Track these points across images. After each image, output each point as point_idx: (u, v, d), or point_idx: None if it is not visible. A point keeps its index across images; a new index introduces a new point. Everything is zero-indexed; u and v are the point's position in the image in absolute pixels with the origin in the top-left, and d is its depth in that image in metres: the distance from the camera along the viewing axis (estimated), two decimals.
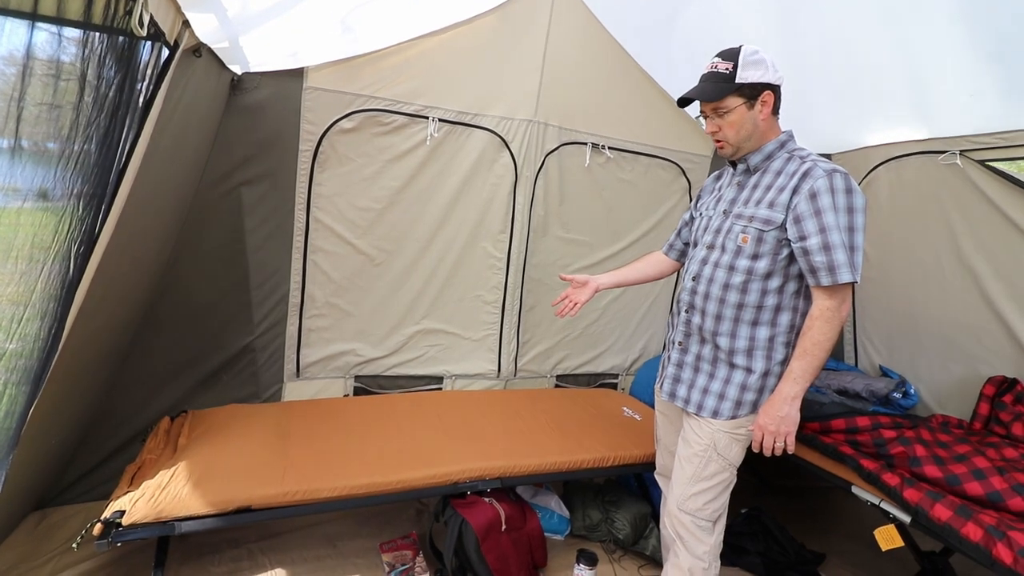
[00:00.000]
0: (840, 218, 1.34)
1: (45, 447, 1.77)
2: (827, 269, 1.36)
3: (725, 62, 1.45)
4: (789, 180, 1.42)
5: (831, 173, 1.36)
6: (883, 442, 2.01)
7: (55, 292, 1.17)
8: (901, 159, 2.52)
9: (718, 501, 1.58)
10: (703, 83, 1.49)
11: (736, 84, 1.43)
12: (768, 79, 1.45)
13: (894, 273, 2.67)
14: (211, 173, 2.18)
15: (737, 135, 1.48)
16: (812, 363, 1.41)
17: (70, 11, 1.04)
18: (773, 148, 1.50)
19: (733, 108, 1.45)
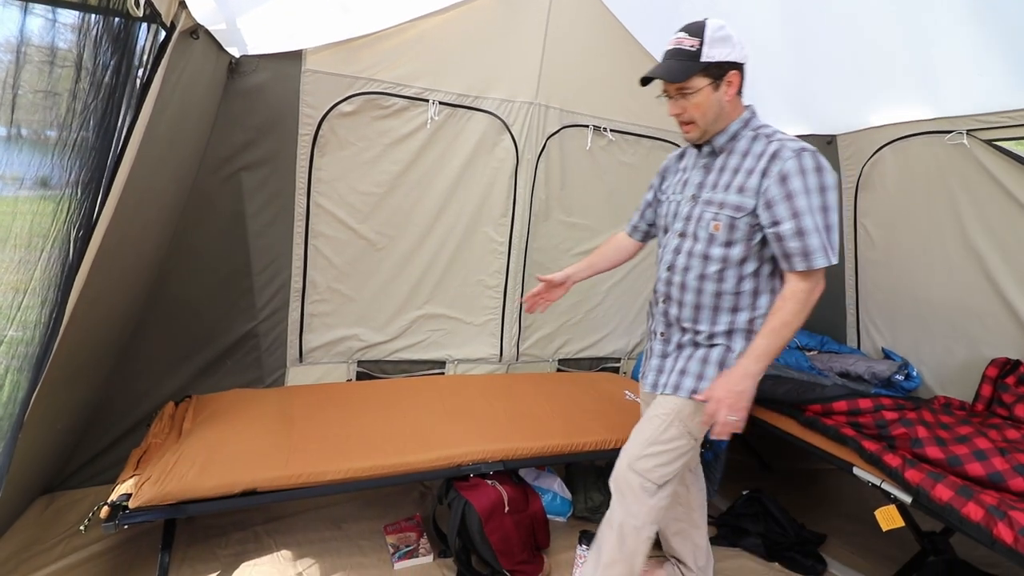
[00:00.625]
0: (812, 199, 1.31)
1: (50, 432, 1.79)
2: (801, 255, 1.34)
3: (691, 38, 1.36)
4: (757, 162, 1.37)
5: (799, 153, 1.32)
6: (885, 424, 2.01)
7: (55, 278, 1.17)
8: (907, 139, 2.49)
9: (669, 467, 1.52)
10: (668, 60, 1.40)
11: (702, 63, 1.35)
12: (735, 57, 1.38)
13: (898, 254, 2.65)
14: (210, 158, 2.17)
15: (704, 117, 1.42)
16: (777, 343, 1.38)
17: None
18: (737, 127, 1.45)
19: (699, 89, 1.38)
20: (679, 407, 1.52)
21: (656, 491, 1.53)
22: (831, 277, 2.88)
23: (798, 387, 2.27)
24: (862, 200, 2.78)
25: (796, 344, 2.91)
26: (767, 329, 1.38)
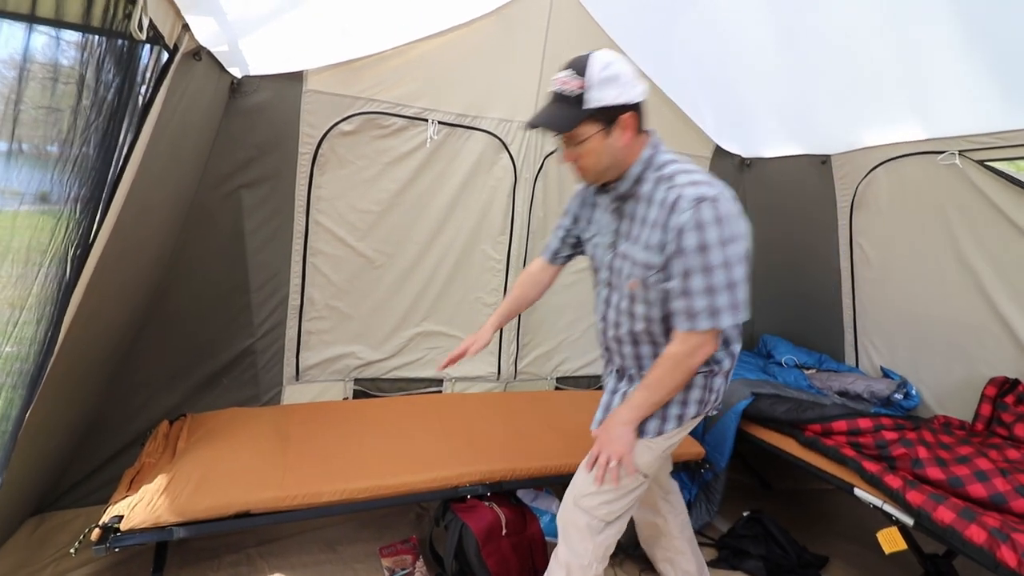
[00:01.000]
0: (708, 256, 1.19)
1: (43, 451, 1.76)
2: (685, 314, 1.25)
3: (575, 79, 1.20)
4: (659, 213, 1.25)
5: (697, 204, 1.18)
6: (885, 444, 2.00)
7: (52, 295, 1.16)
8: (900, 159, 2.51)
9: (617, 504, 1.47)
10: (552, 105, 1.26)
11: (588, 110, 1.21)
12: (627, 98, 1.22)
13: (894, 273, 2.67)
14: (211, 175, 2.18)
15: (596, 165, 1.29)
16: (653, 398, 1.35)
17: (69, 14, 1.03)
18: (639, 170, 1.30)
19: (588, 136, 1.24)
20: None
21: (603, 528, 1.48)
22: (829, 294, 2.93)
23: (797, 406, 2.26)
24: (857, 219, 2.80)
25: (795, 363, 2.91)
26: (645, 381, 1.36)
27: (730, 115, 2.90)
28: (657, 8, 2.28)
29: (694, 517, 2.37)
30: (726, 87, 2.67)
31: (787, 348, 3.02)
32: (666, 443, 1.47)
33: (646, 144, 1.31)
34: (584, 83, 1.20)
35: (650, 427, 1.44)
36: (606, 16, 2.48)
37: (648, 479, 1.50)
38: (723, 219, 1.19)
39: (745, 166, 3.21)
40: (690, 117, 2.87)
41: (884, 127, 2.49)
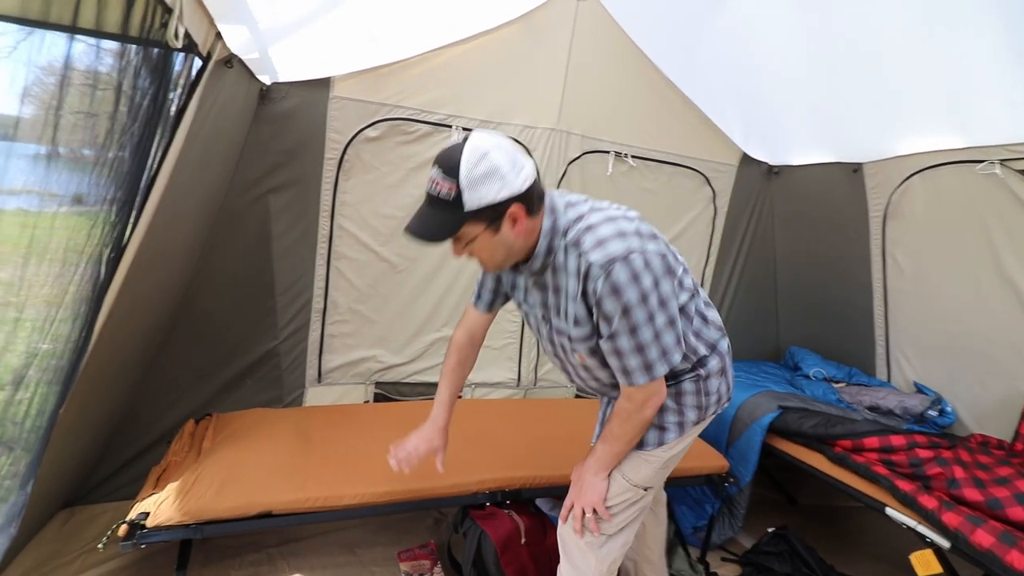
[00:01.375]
0: (631, 317, 1.15)
1: (75, 446, 1.81)
2: (622, 372, 1.25)
3: (446, 180, 1.07)
4: (575, 284, 1.20)
5: (607, 269, 1.12)
6: (919, 462, 1.93)
7: (86, 295, 1.20)
8: (937, 168, 2.44)
9: (617, 518, 1.44)
10: (428, 209, 1.13)
11: (467, 213, 1.09)
12: (509, 191, 1.09)
13: (929, 286, 2.58)
14: (239, 180, 2.23)
15: (492, 260, 1.21)
16: (615, 449, 1.36)
17: (108, 23, 1.07)
18: (545, 244, 1.21)
19: (475, 237, 1.14)
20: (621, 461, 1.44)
21: (605, 542, 1.45)
22: (860, 305, 2.84)
23: (826, 421, 2.19)
24: (890, 229, 2.72)
25: (823, 376, 2.83)
26: (605, 433, 1.38)
27: (758, 122, 2.85)
28: (684, 14, 2.26)
29: (717, 532, 2.32)
30: (754, 93, 2.63)
31: (815, 360, 2.94)
32: (667, 453, 1.43)
33: (544, 216, 1.20)
34: (457, 185, 1.06)
35: (650, 439, 1.40)
36: (632, 22, 2.47)
37: (651, 491, 1.47)
38: (638, 275, 1.13)
39: (773, 174, 3.15)
40: (716, 124, 2.84)
41: (920, 135, 2.41)
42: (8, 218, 1.09)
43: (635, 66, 2.60)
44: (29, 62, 0.97)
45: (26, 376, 1.16)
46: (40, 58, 0.99)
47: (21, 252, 1.05)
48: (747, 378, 2.76)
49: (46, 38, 0.99)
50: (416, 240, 1.13)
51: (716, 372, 1.41)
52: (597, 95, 2.61)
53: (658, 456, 1.42)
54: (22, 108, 1.00)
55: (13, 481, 1.30)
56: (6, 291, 1.05)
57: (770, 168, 3.13)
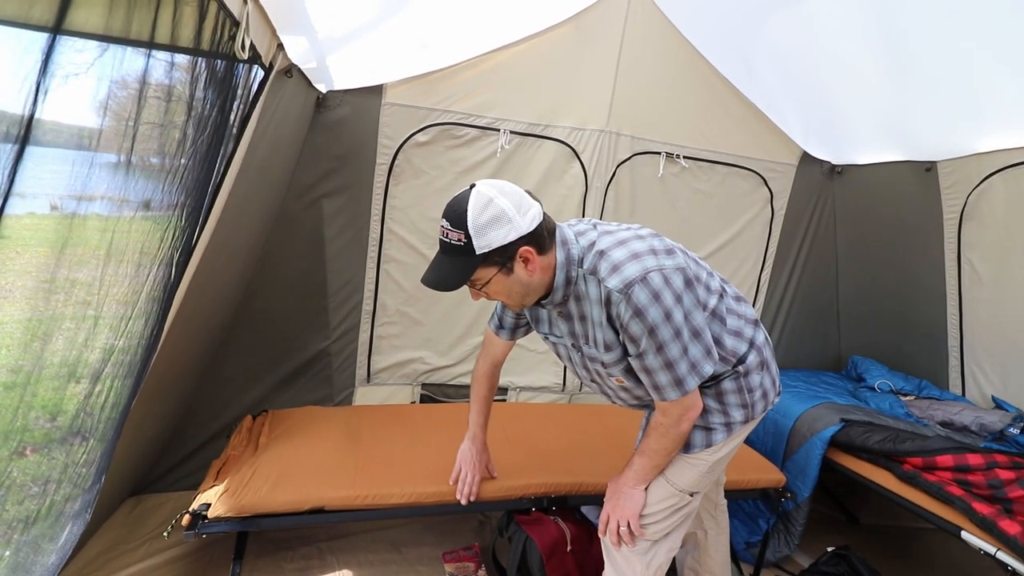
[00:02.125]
0: (657, 335, 1.16)
1: (143, 437, 1.92)
2: (653, 388, 1.26)
3: (455, 231, 1.14)
4: (599, 311, 1.22)
5: (627, 293, 1.14)
6: (999, 484, 1.78)
7: (158, 295, 1.26)
8: (1020, 167, 2.25)
9: (661, 524, 1.42)
10: (441, 258, 1.21)
11: (478, 257, 1.14)
12: (516, 233, 1.13)
13: (1011, 293, 2.38)
14: (295, 185, 2.31)
15: (510, 299, 1.24)
16: (652, 462, 1.37)
17: (181, 38, 1.12)
18: (563, 277, 1.23)
19: (489, 279, 1.18)
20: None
21: (650, 548, 1.43)
22: (931, 314, 2.66)
23: (895, 436, 2.06)
24: (967, 232, 2.53)
25: (890, 388, 2.66)
26: (641, 447, 1.38)
27: (820, 118, 2.72)
28: (743, 10, 2.18)
29: (771, 549, 2.22)
30: (816, 89, 2.50)
31: (881, 371, 2.77)
32: (713, 456, 1.40)
33: (556, 251, 1.23)
34: (465, 234, 1.13)
35: (696, 440, 1.39)
36: (685, 18, 2.41)
37: (697, 496, 1.44)
38: (658, 293, 1.15)
39: (836, 173, 2.99)
40: (774, 121, 2.72)
41: (1001, 131, 2.24)
42: (88, 222, 1.16)
43: (688, 64, 2.54)
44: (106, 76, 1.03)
45: (103, 371, 1.24)
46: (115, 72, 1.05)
47: (100, 255, 1.12)
48: (806, 388, 2.63)
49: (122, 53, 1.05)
50: (432, 288, 1.20)
51: (755, 367, 1.38)
52: (648, 95, 2.56)
53: (703, 459, 1.39)
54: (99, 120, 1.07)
55: (88, 469, 1.38)
56: (86, 291, 1.12)
57: (833, 167, 2.98)
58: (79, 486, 1.39)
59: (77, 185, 1.04)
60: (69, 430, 1.28)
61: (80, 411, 1.27)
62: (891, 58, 2.11)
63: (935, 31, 1.88)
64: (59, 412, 1.24)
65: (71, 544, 1.42)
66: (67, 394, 1.23)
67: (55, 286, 1.06)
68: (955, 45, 1.91)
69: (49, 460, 1.32)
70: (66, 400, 1.24)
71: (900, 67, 2.13)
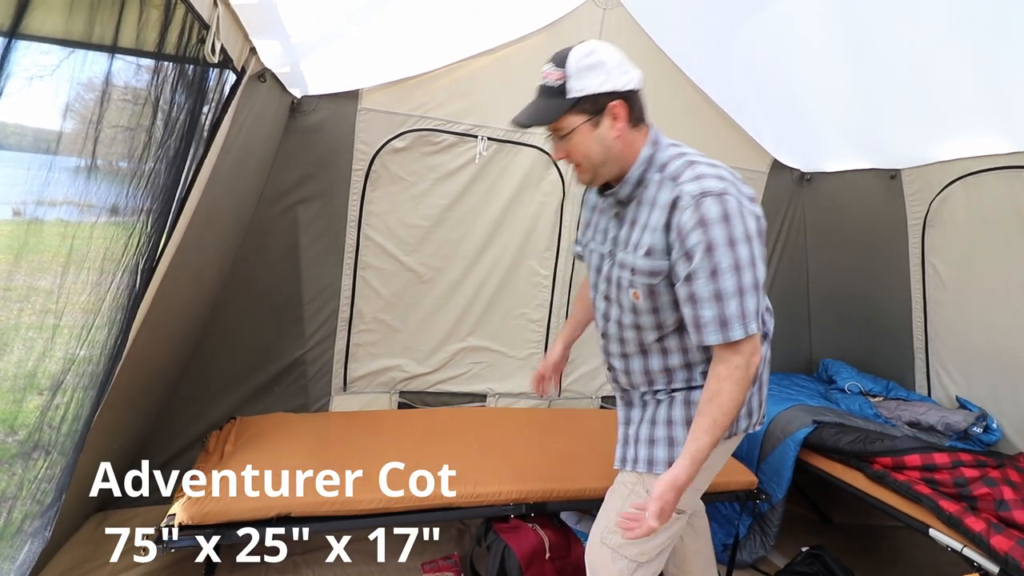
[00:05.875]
0: (714, 257, 1.08)
1: (108, 451, 1.86)
2: (694, 326, 1.14)
3: (556, 70, 1.15)
4: (660, 216, 1.15)
5: (699, 199, 1.08)
6: (965, 482, 1.84)
7: (122, 303, 1.23)
8: (981, 174, 2.34)
9: (650, 543, 1.32)
10: (535, 100, 1.20)
11: (571, 99, 1.14)
12: (612, 86, 1.13)
13: (972, 297, 2.47)
14: (269, 191, 2.28)
15: (588, 159, 1.20)
16: (715, 438, 1.15)
17: (147, 41, 1.10)
18: (640, 172, 1.20)
19: (574, 128, 1.16)
20: (643, 476, 1.33)
21: (635, 569, 1.34)
22: (897, 317, 2.74)
23: (865, 437, 2.11)
24: (930, 237, 2.62)
25: (859, 389, 2.72)
26: (707, 422, 1.15)
27: (790, 127, 2.79)
28: (715, 21, 2.22)
29: (748, 550, 2.25)
30: (786, 99, 2.57)
31: (851, 374, 2.84)
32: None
33: (645, 142, 1.21)
34: (564, 73, 1.13)
35: (658, 456, 1.30)
36: (659, 28, 2.45)
37: (684, 515, 1.38)
38: (730, 216, 1.08)
39: (805, 181, 3.07)
40: (746, 130, 2.78)
41: (962, 140, 2.32)
42: (49, 228, 1.12)
43: (661, 72, 2.57)
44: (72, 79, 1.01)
45: (63, 382, 1.20)
46: (81, 75, 1.02)
47: (60, 261, 1.08)
48: (779, 391, 2.68)
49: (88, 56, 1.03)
50: (522, 125, 1.20)
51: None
52: None
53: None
54: (64, 123, 1.04)
55: (49, 485, 1.33)
56: (46, 299, 1.08)
57: (802, 175, 3.06)
58: (39, 502, 1.34)
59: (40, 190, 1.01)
60: (28, 443, 1.24)
61: (40, 423, 1.22)
62: (858, 69, 2.18)
63: (899, 44, 1.95)
64: (18, 425, 1.20)
65: (30, 564, 1.37)
66: (27, 406, 1.19)
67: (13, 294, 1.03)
68: (918, 57, 1.99)
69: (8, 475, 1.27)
70: (25, 412, 1.20)
71: (866, 78, 2.20)
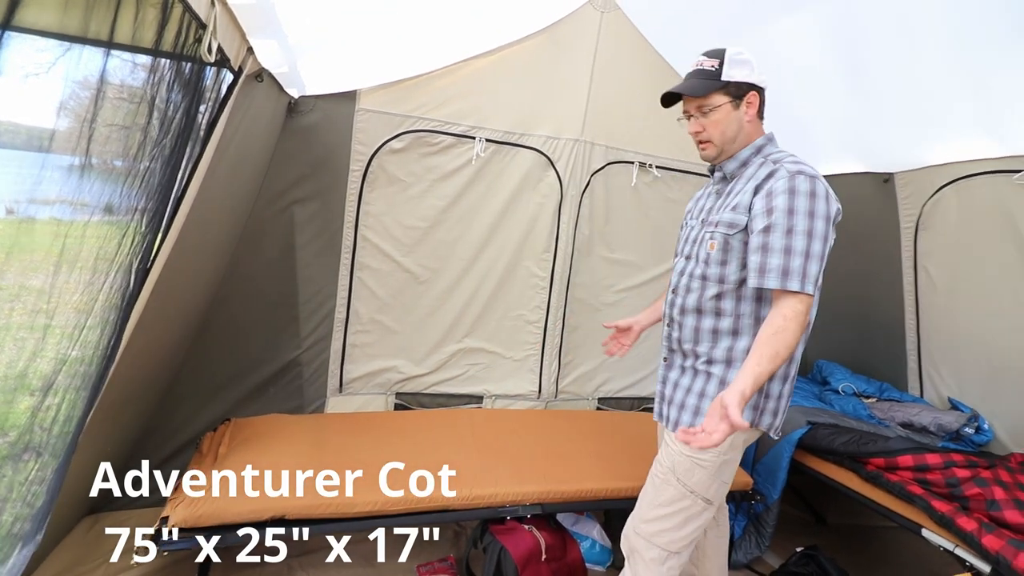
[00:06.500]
0: (794, 220, 1.24)
1: (101, 452, 1.84)
2: (758, 271, 1.27)
3: (711, 59, 1.40)
4: (755, 183, 1.36)
5: (795, 175, 1.28)
6: (957, 482, 1.85)
7: (116, 303, 1.21)
8: (972, 178, 2.36)
9: (678, 532, 1.43)
10: (689, 79, 1.45)
11: (722, 82, 1.39)
12: (754, 79, 1.41)
13: (964, 299, 2.49)
14: (266, 192, 2.26)
15: (722, 135, 1.42)
16: (774, 368, 1.20)
17: (143, 39, 1.09)
18: (748, 154, 1.44)
19: (718, 106, 1.41)
20: (674, 463, 1.44)
21: (667, 558, 1.45)
22: (891, 319, 2.76)
23: (858, 438, 2.12)
24: (922, 241, 2.64)
25: (853, 390, 2.74)
26: (770, 352, 1.19)
27: (785, 132, 2.77)
28: (714, 27, 2.23)
29: (743, 550, 2.26)
30: (782, 103, 2.57)
31: (845, 375, 2.86)
32: (719, 457, 1.40)
33: (762, 134, 1.45)
34: (719, 62, 1.39)
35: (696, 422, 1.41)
36: (657, 32, 2.46)
37: (711, 507, 1.45)
38: (816, 195, 1.26)
39: None
40: None
41: (953, 144, 2.35)
42: (41, 227, 1.11)
43: (660, 76, 2.58)
44: (67, 77, 1.00)
45: (55, 382, 1.18)
46: (77, 73, 1.01)
47: (53, 260, 1.07)
48: None
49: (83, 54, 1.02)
50: (679, 91, 1.44)
51: (781, 376, 1.41)
52: (621, 106, 2.60)
53: (711, 459, 1.40)
54: (58, 121, 1.03)
55: (40, 487, 1.31)
56: (37, 298, 1.07)
57: None
58: (30, 504, 1.32)
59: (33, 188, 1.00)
60: (19, 445, 1.22)
61: (32, 425, 1.21)
62: (852, 75, 2.20)
63: (894, 52, 1.97)
64: (9, 426, 1.18)
65: (20, 568, 1.35)
66: (17, 407, 1.17)
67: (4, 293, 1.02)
68: (911, 65, 2.01)
69: None
70: (16, 413, 1.18)
71: (860, 83, 2.22)
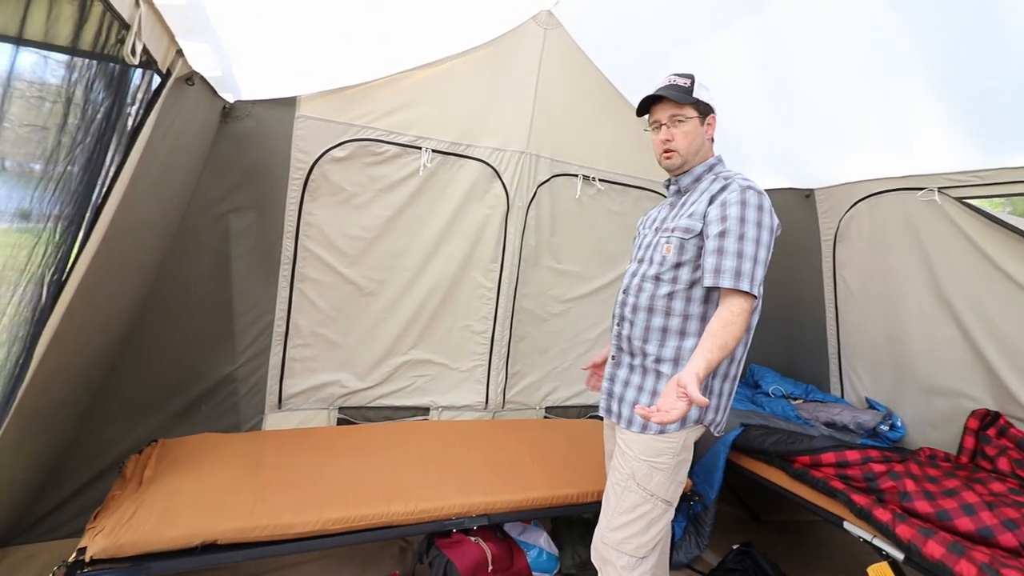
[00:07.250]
0: (745, 227, 1.38)
1: (8, 483, 1.69)
2: (713, 271, 1.38)
3: (683, 78, 1.53)
4: (708, 195, 1.48)
5: (745, 189, 1.41)
6: (873, 476, 1.99)
7: (26, 318, 1.13)
8: (882, 195, 2.58)
9: (644, 536, 1.49)
10: (667, 88, 1.55)
11: (695, 98, 1.52)
12: (714, 105, 1.56)
13: (875, 305, 2.70)
14: (200, 199, 2.16)
15: (688, 147, 1.54)
16: (723, 356, 1.29)
17: (58, 36, 1.03)
18: (702, 171, 1.57)
19: (690, 118, 1.53)
20: (632, 470, 1.49)
21: (638, 563, 1.50)
22: (815, 325, 2.95)
23: (786, 438, 2.25)
24: (840, 252, 2.85)
25: (782, 393, 2.91)
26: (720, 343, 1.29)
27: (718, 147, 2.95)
28: (651, 48, 2.33)
29: (683, 550, 2.33)
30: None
31: (774, 378, 3.03)
32: (674, 459, 1.47)
33: (714, 155, 1.60)
34: (692, 81, 1.53)
35: (648, 422, 1.46)
36: (597, 51, 2.55)
37: (672, 507, 1.51)
38: (763, 208, 1.41)
39: None
40: None
41: (866, 163, 2.55)
42: None
43: (601, 93, 2.68)
44: None
45: None
46: None
47: None
48: None
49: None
50: (664, 95, 1.51)
51: (722, 374, 1.50)
52: (565, 120, 2.66)
53: (659, 461, 1.46)
54: None
55: None
56: None
57: None
58: None
59: None
60: None
61: None
62: (781, 96, 2.35)
63: (816, 79, 2.13)
64: None
65: None
66: None
67: None
68: (824, 85, 2.17)
69: None
70: None
71: (787, 104, 2.38)
